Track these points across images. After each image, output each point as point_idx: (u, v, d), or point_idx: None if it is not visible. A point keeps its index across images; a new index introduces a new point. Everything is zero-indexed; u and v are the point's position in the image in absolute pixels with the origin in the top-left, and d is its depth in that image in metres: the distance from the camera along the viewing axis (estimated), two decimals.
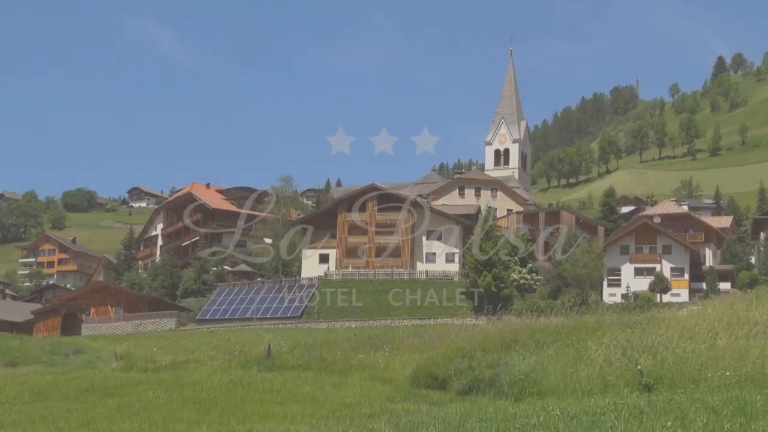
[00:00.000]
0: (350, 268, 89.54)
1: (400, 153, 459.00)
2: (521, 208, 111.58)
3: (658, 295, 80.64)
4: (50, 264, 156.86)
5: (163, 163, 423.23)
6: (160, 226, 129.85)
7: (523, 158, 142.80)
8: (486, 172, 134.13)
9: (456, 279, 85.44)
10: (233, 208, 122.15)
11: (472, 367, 21.95)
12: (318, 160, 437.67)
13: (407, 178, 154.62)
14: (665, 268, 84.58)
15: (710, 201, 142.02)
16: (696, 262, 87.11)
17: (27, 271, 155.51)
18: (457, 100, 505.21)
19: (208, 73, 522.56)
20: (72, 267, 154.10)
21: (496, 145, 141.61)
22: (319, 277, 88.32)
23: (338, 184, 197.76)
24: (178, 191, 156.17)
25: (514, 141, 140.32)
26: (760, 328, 20.74)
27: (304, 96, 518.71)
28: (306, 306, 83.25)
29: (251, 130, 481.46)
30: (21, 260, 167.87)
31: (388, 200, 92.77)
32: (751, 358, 18.20)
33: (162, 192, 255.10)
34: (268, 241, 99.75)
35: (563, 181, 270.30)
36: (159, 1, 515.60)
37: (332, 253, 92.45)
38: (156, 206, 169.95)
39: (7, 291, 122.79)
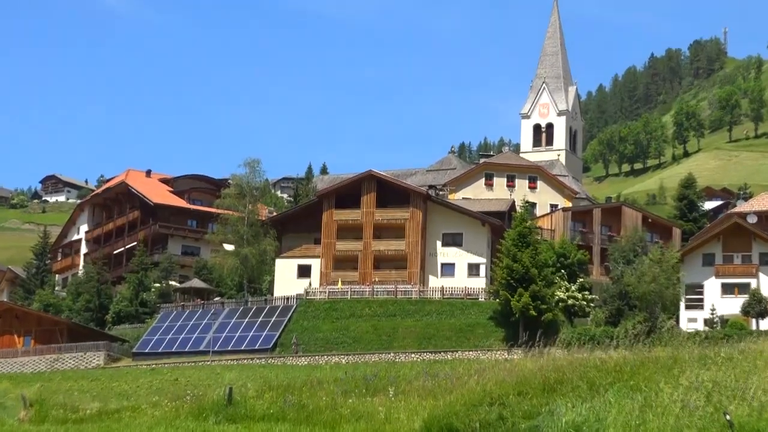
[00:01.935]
0: (340, 283, 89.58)
1: (407, 130, 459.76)
2: (569, 203, 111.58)
3: (754, 321, 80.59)
4: None
5: (88, 144, 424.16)
6: (84, 227, 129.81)
7: (571, 136, 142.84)
8: (522, 154, 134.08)
9: (482, 299, 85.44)
10: (183, 203, 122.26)
11: (503, 418, 21.92)
12: (296, 140, 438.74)
13: (417, 164, 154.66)
14: (763, 284, 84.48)
15: None
16: None
17: None
18: (483, 58, 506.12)
19: (151, 25, 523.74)
20: None
21: (535, 119, 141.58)
22: (298, 296, 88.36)
23: (323, 171, 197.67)
24: (108, 180, 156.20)
25: (560, 113, 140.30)
26: None
27: (280, 54, 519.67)
28: (280, 335, 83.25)
29: (207, 99, 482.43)
30: None
31: (391, 193, 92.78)
32: None
33: (87, 182, 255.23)
34: (229, 247, 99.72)
35: (626, 167, 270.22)
36: None
37: (315, 264, 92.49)
38: (79, 201, 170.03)
39: None
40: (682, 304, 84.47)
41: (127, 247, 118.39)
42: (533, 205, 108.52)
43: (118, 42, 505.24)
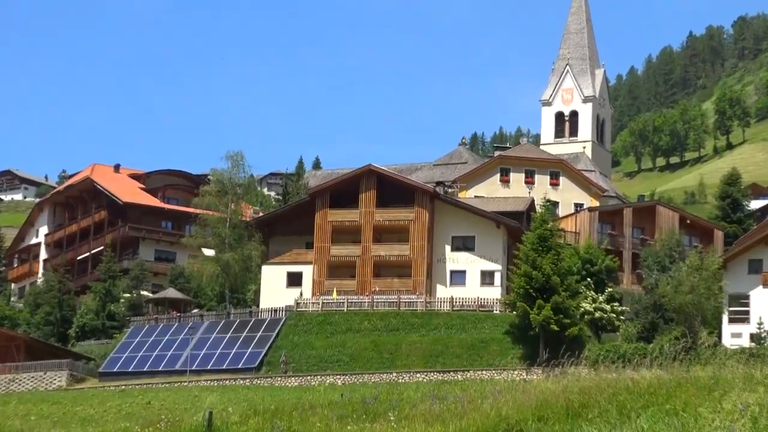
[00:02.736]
0: (335, 293, 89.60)
1: (412, 119, 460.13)
2: (596, 202, 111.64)
3: None
4: None
5: (49, 136, 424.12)
6: (43, 229, 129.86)
7: (599, 126, 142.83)
8: (542, 147, 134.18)
9: (497, 311, 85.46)
10: (156, 202, 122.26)
11: None
12: (285, 130, 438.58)
13: (422, 158, 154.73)
14: None
15: None
16: None
17: None
18: (497, 38, 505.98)
19: (120, 3, 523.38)
20: None
21: (557, 106, 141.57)
22: (288, 308, 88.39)
23: (316, 165, 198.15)
24: (71, 176, 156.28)
25: (586, 99, 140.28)
26: None
27: (267, 34, 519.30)
28: (267, 352, 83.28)
29: (184, 86, 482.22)
30: None
31: (393, 190, 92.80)
32: None
33: (47, 178, 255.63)
34: (209, 252, 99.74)
35: (661, 161, 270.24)
36: None
37: (307, 271, 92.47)
38: (38, 199, 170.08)
39: None
40: (725, 318, 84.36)
41: (92, 252, 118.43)
42: (555, 204, 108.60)
43: (81, 21, 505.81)
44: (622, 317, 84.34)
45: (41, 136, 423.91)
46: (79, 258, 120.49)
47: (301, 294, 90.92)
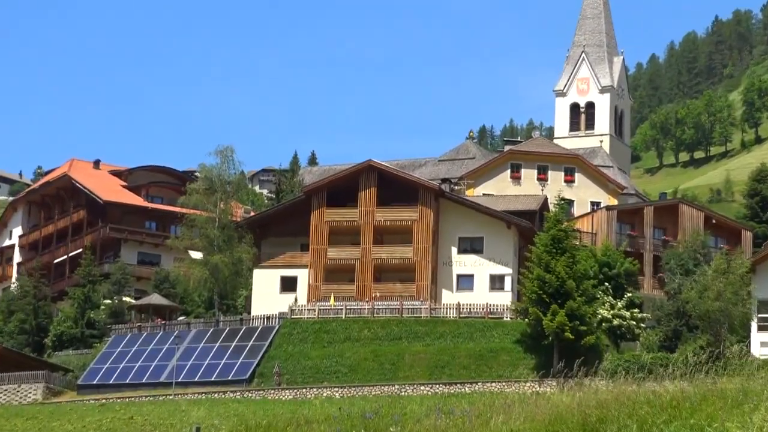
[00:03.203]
0: (332, 299, 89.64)
1: (415, 111, 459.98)
2: (615, 201, 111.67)
3: None
4: None
5: (24, 130, 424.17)
6: (17, 230, 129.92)
7: (617, 118, 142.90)
8: (556, 140, 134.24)
9: (507, 318, 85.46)
10: (139, 201, 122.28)
11: None
12: (279, 123, 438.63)
13: (427, 153, 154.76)
14: None
15: None
16: None
17: None
18: (507, 23, 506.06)
19: None
20: None
21: (573, 97, 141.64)
22: (281, 315, 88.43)
23: (312, 161, 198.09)
24: (47, 173, 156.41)
25: (603, 90, 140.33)
26: None
27: (259, 20, 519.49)
28: (259, 363, 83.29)
29: (169, 76, 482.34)
30: None
31: (396, 188, 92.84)
32: None
33: (21, 175, 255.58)
34: (197, 255, 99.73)
35: (684, 156, 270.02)
36: None
37: (302, 276, 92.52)
38: (11, 198, 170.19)
39: None
40: (754, 325, 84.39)
41: (70, 254, 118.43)
42: (570, 202, 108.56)
43: (56, 7, 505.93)
44: (642, 325, 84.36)
45: (15, 129, 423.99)
46: (55, 261, 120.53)
47: (295, 300, 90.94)
